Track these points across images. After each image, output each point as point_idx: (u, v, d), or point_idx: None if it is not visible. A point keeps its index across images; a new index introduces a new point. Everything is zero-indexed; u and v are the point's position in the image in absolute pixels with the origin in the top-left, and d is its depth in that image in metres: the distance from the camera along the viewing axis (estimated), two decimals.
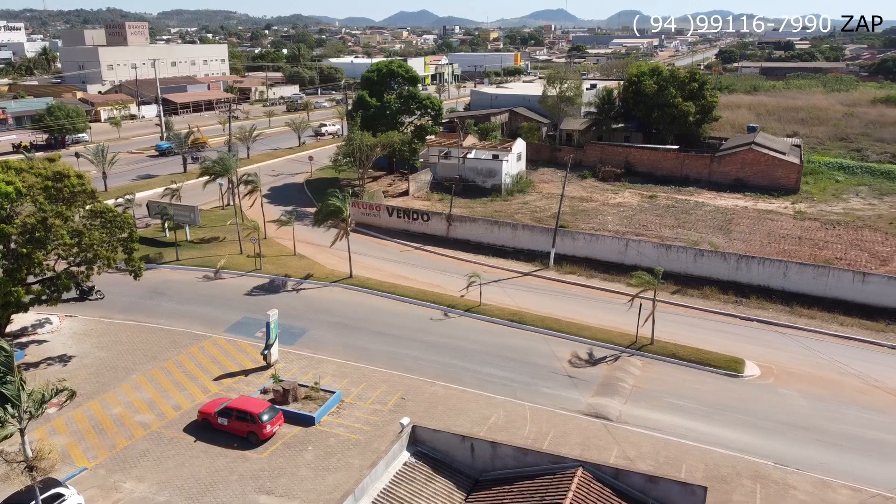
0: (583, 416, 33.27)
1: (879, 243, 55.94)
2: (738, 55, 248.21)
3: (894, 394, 35.11)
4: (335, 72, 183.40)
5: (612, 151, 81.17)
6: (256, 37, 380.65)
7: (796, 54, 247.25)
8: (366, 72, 79.82)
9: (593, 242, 53.53)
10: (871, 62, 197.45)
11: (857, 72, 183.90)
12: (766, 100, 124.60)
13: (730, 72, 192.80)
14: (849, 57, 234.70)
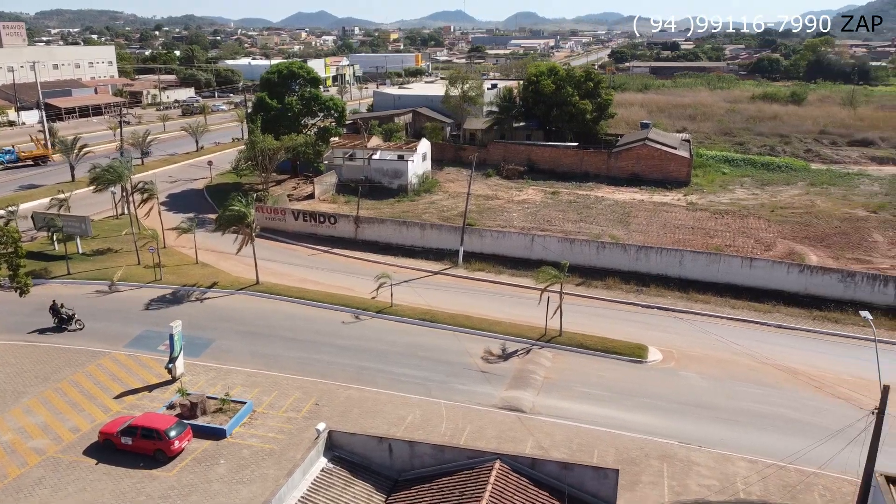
0: (498, 409, 33.80)
1: (763, 230, 59.78)
2: (629, 55, 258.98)
3: (783, 369, 37.61)
4: (232, 74, 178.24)
5: (515, 150, 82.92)
6: (146, 38, 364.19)
7: (682, 54, 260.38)
8: (265, 73, 78.02)
9: (500, 239, 54.49)
10: (749, 61, 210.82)
11: (736, 70, 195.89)
12: (657, 97, 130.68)
13: (622, 71, 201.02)
14: (729, 57, 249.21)
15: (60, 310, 41.68)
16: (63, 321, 41.45)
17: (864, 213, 64.66)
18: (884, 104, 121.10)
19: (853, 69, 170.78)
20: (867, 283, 46.01)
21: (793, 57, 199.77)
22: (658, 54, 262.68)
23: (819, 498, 27.34)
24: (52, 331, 41.39)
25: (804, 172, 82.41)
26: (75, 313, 41.81)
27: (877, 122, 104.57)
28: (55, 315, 41.51)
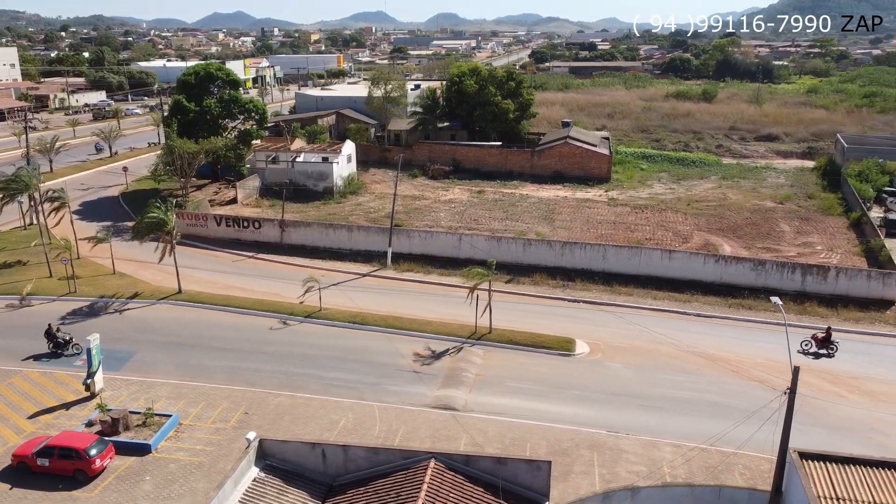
0: (431, 409, 33.89)
1: (680, 223, 62.13)
2: (549, 55, 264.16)
3: (702, 356, 39.21)
4: (146, 76, 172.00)
5: (440, 150, 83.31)
6: (51, 39, 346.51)
7: (599, 54, 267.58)
8: (182, 75, 75.68)
9: (428, 239, 54.65)
10: (662, 61, 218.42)
11: (651, 70, 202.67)
12: (577, 97, 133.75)
13: (542, 71, 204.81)
14: (643, 56, 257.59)
15: (56, 334, 38.96)
16: (59, 346, 38.84)
17: (772, 205, 68.10)
18: (786, 101, 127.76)
19: (758, 68, 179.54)
20: (776, 270, 48.52)
21: (702, 57, 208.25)
22: (577, 54, 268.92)
23: (739, 476, 28.64)
24: (49, 357, 38.72)
25: (716, 167, 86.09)
26: (72, 337, 39.15)
27: (780, 119, 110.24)
28: (50, 340, 38.84)
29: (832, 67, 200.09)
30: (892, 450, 29.99)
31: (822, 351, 40.09)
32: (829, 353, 39.90)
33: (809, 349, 40.16)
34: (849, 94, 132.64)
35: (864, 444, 30.86)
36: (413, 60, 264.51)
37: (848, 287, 47.13)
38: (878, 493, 23.03)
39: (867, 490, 23.16)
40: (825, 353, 39.98)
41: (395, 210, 56.54)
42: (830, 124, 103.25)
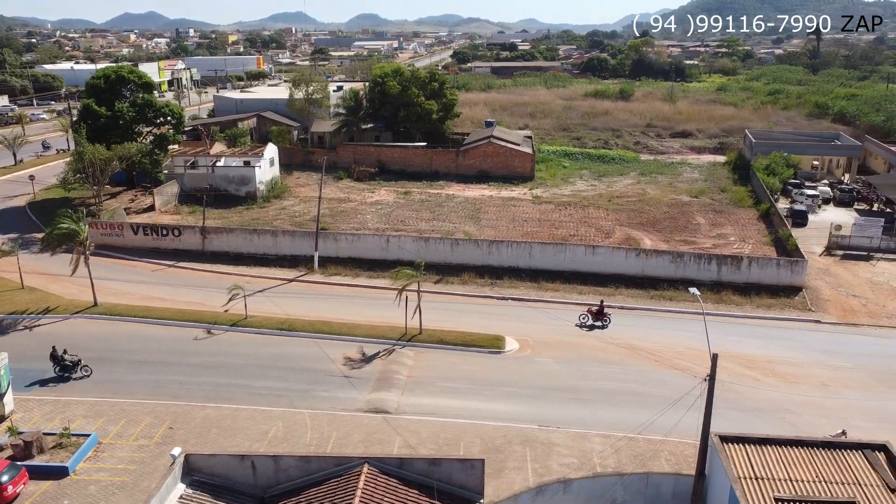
0: (363, 413, 33.59)
1: (603, 219, 63.77)
2: (470, 56, 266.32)
3: (627, 347, 40.35)
4: (53, 79, 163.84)
5: (365, 151, 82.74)
6: None
7: (520, 55, 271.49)
8: (91, 79, 72.39)
9: (355, 242, 54.17)
10: (581, 61, 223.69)
11: (570, 70, 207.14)
12: (499, 96, 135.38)
13: (465, 71, 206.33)
14: (563, 56, 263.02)
15: (63, 357, 36.60)
16: (66, 369, 36.50)
17: (688, 199, 70.77)
18: (698, 99, 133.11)
19: (671, 67, 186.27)
20: (694, 262, 50.46)
21: (619, 56, 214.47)
22: (498, 55, 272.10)
23: (666, 462, 29.61)
24: (55, 381, 36.29)
25: (635, 163, 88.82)
26: (80, 359, 36.79)
27: (693, 115, 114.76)
28: (56, 363, 36.49)
29: (739, 66, 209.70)
30: (804, 429, 31.69)
31: (596, 323, 43.46)
32: (602, 325, 43.32)
33: (586, 322, 43.51)
34: (755, 92, 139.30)
35: (779, 424, 32.45)
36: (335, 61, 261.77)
37: (760, 275, 49.48)
38: (792, 469, 24.26)
39: (783, 468, 24.34)
40: (599, 325, 43.29)
41: (321, 213, 55.79)
42: (739, 120, 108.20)
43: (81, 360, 36.87)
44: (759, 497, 23.00)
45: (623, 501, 28.29)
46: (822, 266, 53.54)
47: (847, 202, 70.54)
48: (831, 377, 38.02)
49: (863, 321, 45.30)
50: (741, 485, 23.36)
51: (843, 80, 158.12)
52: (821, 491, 23.24)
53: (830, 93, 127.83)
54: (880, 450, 25.26)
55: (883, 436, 28.31)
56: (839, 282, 50.87)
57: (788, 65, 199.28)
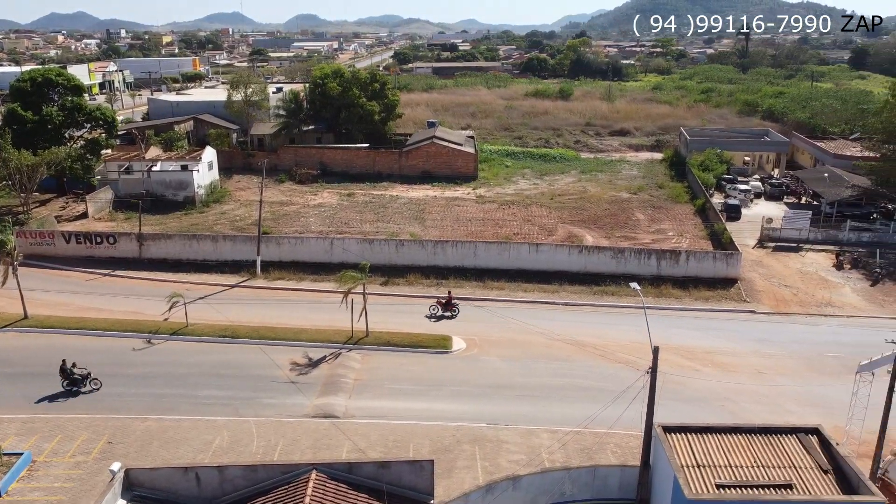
0: (310, 418, 33.18)
1: (545, 217, 64.61)
2: (411, 56, 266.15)
3: (572, 343, 40.98)
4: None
5: (306, 153, 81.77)
6: None
7: (461, 55, 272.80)
8: (15, 81, 69.44)
9: (299, 245, 53.47)
10: (521, 61, 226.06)
11: (510, 70, 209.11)
12: (441, 97, 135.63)
13: (406, 72, 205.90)
14: (503, 57, 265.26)
15: (73, 370, 35.24)
16: (74, 383, 35.26)
17: (627, 196, 72.34)
18: (635, 98, 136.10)
19: (608, 67, 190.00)
20: (634, 257, 51.61)
21: (557, 57, 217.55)
22: (439, 55, 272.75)
23: (612, 455, 30.18)
24: (64, 396, 34.89)
25: (576, 162, 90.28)
26: (90, 372, 35.53)
27: (630, 114, 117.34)
28: (65, 377, 35.23)
29: (673, 66, 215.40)
30: (742, 416, 32.78)
31: (445, 314, 44.63)
32: (451, 315, 44.47)
33: (436, 313, 44.65)
34: (688, 91, 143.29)
35: (719, 412, 33.48)
36: (274, 63, 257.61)
37: (697, 269, 50.95)
38: (732, 456, 25.06)
39: (723, 455, 25.11)
40: (448, 315, 44.46)
41: (263, 217, 54.89)
42: (674, 119, 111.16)
43: (91, 374, 35.74)
44: (700, 484, 23.67)
45: (571, 495, 28.70)
46: (756, 258, 55.47)
47: (777, 196, 73.32)
48: (766, 365, 39.45)
49: (794, 310, 47.15)
50: (684, 473, 24.00)
51: (771, 78, 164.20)
52: (759, 475, 24.07)
53: (759, 91, 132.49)
54: (813, 433, 26.32)
55: (815, 419, 29.54)
56: (771, 273, 52.79)
57: (719, 64, 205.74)
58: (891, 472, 27.26)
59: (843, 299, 48.60)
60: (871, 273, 52.30)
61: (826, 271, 53.14)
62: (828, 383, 36.33)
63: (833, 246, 57.63)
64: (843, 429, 29.93)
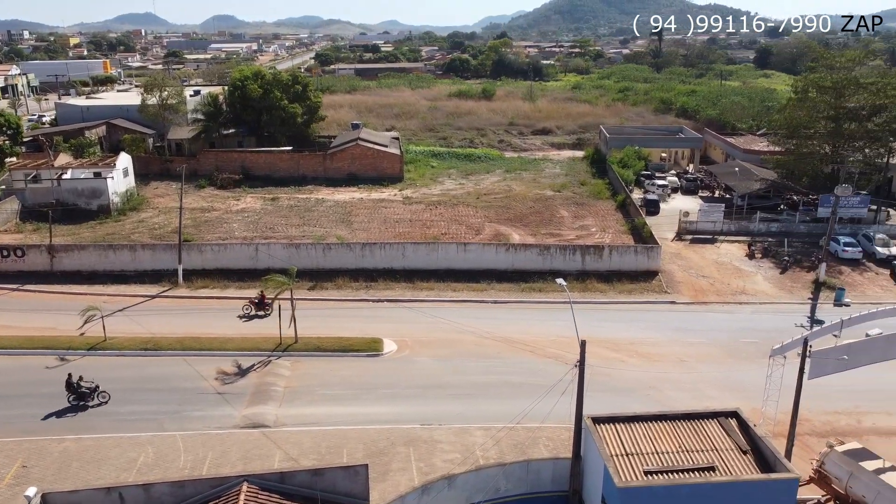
0: (240, 429, 32.37)
1: (472, 216, 65.15)
2: (333, 58, 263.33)
3: (502, 340, 41.48)
4: None
5: (228, 157, 79.73)
6: None
7: (383, 56, 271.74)
8: None
9: (222, 252, 52.11)
10: (443, 61, 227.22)
11: (433, 70, 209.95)
12: (364, 98, 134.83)
13: (328, 73, 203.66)
14: (425, 57, 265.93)
15: (80, 384, 34.33)
16: (82, 397, 34.32)
17: (551, 193, 73.76)
18: (555, 97, 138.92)
19: (529, 67, 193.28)
20: (560, 253, 52.68)
21: (479, 57, 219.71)
22: (361, 56, 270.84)
23: (544, 448, 30.69)
24: (72, 411, 33.88)
25: (500, 161, 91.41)
26: (98, 385, 34.59)
27: (552, 113, 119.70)
28: (72, 391, 34.28)
29: (591, 66, 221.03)
30: (667, 403, 33.95)
31: (259, 313, 44.66)
32: (265, 314, 44.39)
33: (249, 313, 44.68)
34: (607, 90, 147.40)
35: (645, 401, 34.57)
36: (190, 65, 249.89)
37: (620, 262, 52.46)
38: (658, 443, 25.93)
39: (650, 442, 25.96)
40: (261, 315, 44.49)
41: (184, 224, 53.22)
42: (594, 117, 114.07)
43: (98, 386, 34.77)
44: (629, 472, 24.40)
45: (506, 490, 29.05)
46: (675, 250, 57.55)
47: (693, 190, 76.30)
48: (688, 353, 41.01)
49: (712, 299, 49.19)
50: (613, 462, 24.67)
51: (683, 77, 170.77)
52: (684, 460, 25.00)
53: (673, 89, 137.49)
54: (732, 416, 27.54)
55: (733, 403, 30.95)
56: (689, 264, 54.88)
57: (635, 64, 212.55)
58: (827, 464, 28.16)
59: (755, 287, 51.02)
60: (780, 261, 55.09)
61: (739, 261, 55.64)
62: (744, 368, 38.06)
63: (745, 237, 60.40)
64: (760, 410, 31.40)
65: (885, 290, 50.64)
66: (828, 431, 33.56)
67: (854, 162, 65.76)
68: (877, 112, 64.47)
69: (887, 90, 64.86)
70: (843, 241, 56.33)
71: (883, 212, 65.18)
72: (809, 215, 62.79)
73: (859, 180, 67.24)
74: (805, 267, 54.02)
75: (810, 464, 29.33)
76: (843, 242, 56.10)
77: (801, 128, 66.92)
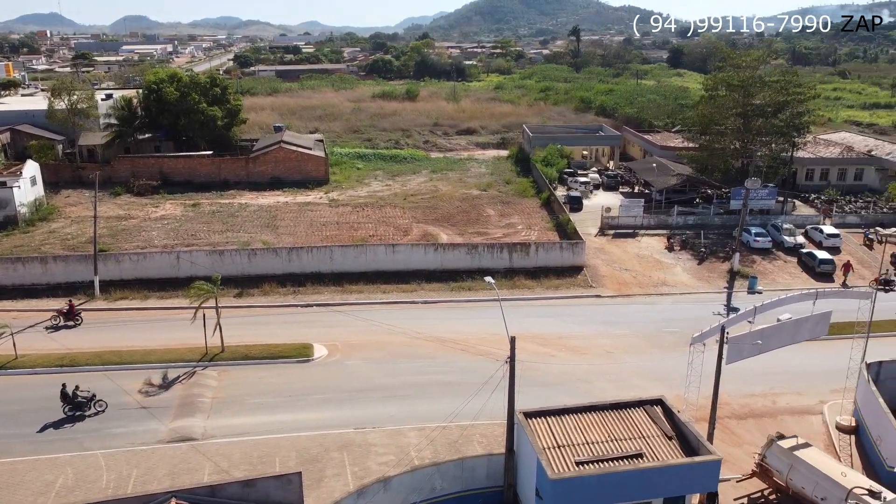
0: (166, 444, 31.30)
1: (400, 217, 65.09)
2: (253, 59, 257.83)
3: (433, 340, 41.60)
4: None
5: (145, 163, 76.92)
6: None
7: (305, 57, 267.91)
8: None
9: (142, 261, 50.27)
10: (366, 62, 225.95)
11: (356, 72, 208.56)
12: (286, 100, 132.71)
13: (248, 75, 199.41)
14: (348, 58, 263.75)
15: (77, 393, 33.48)
16: (79, 407, 33.46)
17: (477, 193, 74.46)
18: (479, 97, 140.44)
19: (452, 68, 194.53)
20: (488, 252, 53.27)
21: (402, 58, 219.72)
22: (282, 58, 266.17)
23: (478, 445, 30.95)
24: (69, 422, 33.05)
25: (426, 161, 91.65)
26: (94, 395, 33.83)
27: (476, 113, 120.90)
28: (67, 402, 33.43)
29: (513, 66, 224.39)
30: (595, 394, 34.81)
31: (69, 322, 43.27)
32: (75, 324, 43.18)
33: (58, 323, 43.03)
34: (529, 90, 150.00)
35: (574, 393, 35.35)
36: (101, 67, 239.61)
37: (546, 259, 53.48)
38: (588, 433, 26.61)
39: (580, 433, 26.60)
40: (72, 324, 43.19)
41: (99, 233, 51.05)
42: (517, 117, 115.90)
43: (95, 395, 33.99)
44: (562, 463, 24.93)
45: (442, 489, 29.16)
46: (598, 245, 59.09)
47: (613, 187, 78.56)
48: (613, 345, 42.20)
49: (634, 291, 50.78)
50: (546, 455, 25.15)
51: (601, 77, 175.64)
52: (613, 449, 25.73)
53: (592, 89, 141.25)
54: (657, 404, 28.54)
55: (658, 391, 32.06)
56: (613, 258, 56.48)
57: (555, 64, 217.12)
58: (769, 457, 29.00)
59: (675, 278, 52.98)
60: (697, 253, 57.39)
61: (660, 254, 57.64)
62: (667, 357, 39.49)
63: (664, 230, 62.61)
64: (683, 397, 32.61)
65: (794, 277, 53.51)
66: (746, 413, 35.23)
67: (762, 156, 69.12)
68: (781, 109, 67.98)
69: (789, 88, 68.52)
70: (754, 231, 59.19)
71: (789, 202, 68.91)
72: (723, 208, 65.67)
73: (767, 173, 70.74)
74: (720, 257, 56.45)
75: (753, 458, 30.28)
76: (754, 233, 58.93)
77: (713, 124, 69.87)
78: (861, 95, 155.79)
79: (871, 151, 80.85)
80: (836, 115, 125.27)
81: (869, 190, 75.84)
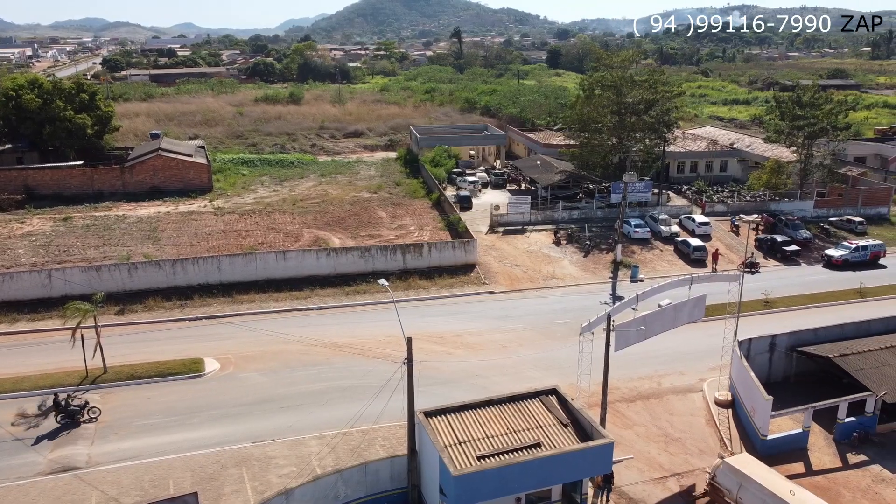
0: (47, 476, 29.23)
1: (289, 223, 63.78)
2: (124, 63, 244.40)
3: (330, 346, 41.11)
4: None
5: (6, 176, 71.25)
6: None
7: (181, 60, 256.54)
8: None
9: (7, 282, 46.58)
10: (246, 66, 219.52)
11: (237, 75, 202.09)
12: (163, 106, 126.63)
13: (119, 80, 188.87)
14: (227, 62, 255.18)
15: (69, 402, 32.61)
16: (72, 415, 32.45)
17: (367, 195, 74.16)
18: (364, 99, 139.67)
19: (336, 70, 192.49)
20: (381, 254, 53.19)
21: (284, 61, 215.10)
22: (156, 61, 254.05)
23: (380, 448, 30.95)
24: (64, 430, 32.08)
25: (314, 165, 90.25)
26: (87, 402, 33.08)
27: (362, 116, 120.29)
28: (59, 411, 32.54)
29: (397, 67, 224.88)
30: (493, 389, 35.59)
31: None
32: None
33: None
34: (414, 91, 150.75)
35: (472, 389, 36.00)
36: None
37: (440, 258, 54.08)
38: (487, 428, 27.17)
39: (480, 428, 27.13)
40: None
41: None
42: (403, 118, 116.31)
43: (88, 402, 33.18)
44: (463, 459, 25.34)
45: (346, 496, 28.87)
46: (489, 243, 60.35)
47: (501, 185, 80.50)
48: (508, 339, 43.30)
49: (526, 286, 52.30)
50: (447, 452, 25.48)
51: (484, 77, 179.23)
52: (512, 440, 26.42)
53: (476, 89, 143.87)
54: (551, 393, 29.55)
55: (552, 380, 33.19)
56: (504, 255, 57.87)
57: (439, 65, 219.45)
58: (719, 476, 29.21)
59: (563, 271, 55.00)
60: (582, 246, 59.82)
61: (548, 248, 59.61)
62: (559, 347, 40.95)
63: (551, 225, 64.81)
64: (575, 385, 33.96)
65: (671, 265, 56.89)
66: (634, 396, 37.14)
67: (637, 151, 72.94)
68: (651, 106, 71.97)
69: (657, 86, 72.66)
70: (634, 223, 62.41)
71: (664, 194, 73.11)
72: (604, 202, 68.79)
73: (643, 168, 74.71)
74: (604, 249, 59.11)
75: (704, 475, 30.46)
76: (633, 224, 62.12)
77: (591, 122, 72.97)
78: (722, 92, 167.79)
79: (733, 144, 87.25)
80: (701, 111, 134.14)
81: (733, 180, 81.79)
